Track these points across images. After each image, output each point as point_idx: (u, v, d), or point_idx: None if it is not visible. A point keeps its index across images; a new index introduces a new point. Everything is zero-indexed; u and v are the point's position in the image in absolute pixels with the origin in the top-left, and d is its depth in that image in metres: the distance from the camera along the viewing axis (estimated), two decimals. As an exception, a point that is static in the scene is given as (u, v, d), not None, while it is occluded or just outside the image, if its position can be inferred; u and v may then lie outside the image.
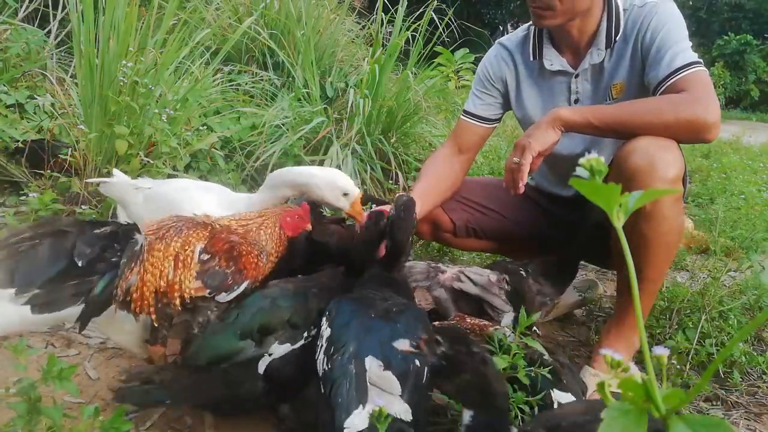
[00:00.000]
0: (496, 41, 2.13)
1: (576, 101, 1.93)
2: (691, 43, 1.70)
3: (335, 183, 1.62)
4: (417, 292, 1.86)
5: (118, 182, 1.78)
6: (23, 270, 1.08)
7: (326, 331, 1.29)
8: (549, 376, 1.28)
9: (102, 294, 1.21)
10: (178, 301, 1.33)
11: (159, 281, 1.31)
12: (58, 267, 1.12)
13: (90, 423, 1.10)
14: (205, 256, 1.38)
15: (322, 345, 1.27)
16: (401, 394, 1.13)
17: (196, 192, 1.74)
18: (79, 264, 1.14)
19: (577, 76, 1.90)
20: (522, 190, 1.70)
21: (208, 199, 1.74)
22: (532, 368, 1.29)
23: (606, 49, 1.82)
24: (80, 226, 1.20)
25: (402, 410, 1.11)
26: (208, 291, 1.37)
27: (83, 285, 1.18)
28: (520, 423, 1.25)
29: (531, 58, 1.97)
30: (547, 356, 1.37)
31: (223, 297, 1.41)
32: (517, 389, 1.30)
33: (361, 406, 1.09)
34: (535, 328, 1.58)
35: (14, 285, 1.07)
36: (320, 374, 1.22)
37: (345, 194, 1.63)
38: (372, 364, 1.16)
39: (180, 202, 1.72)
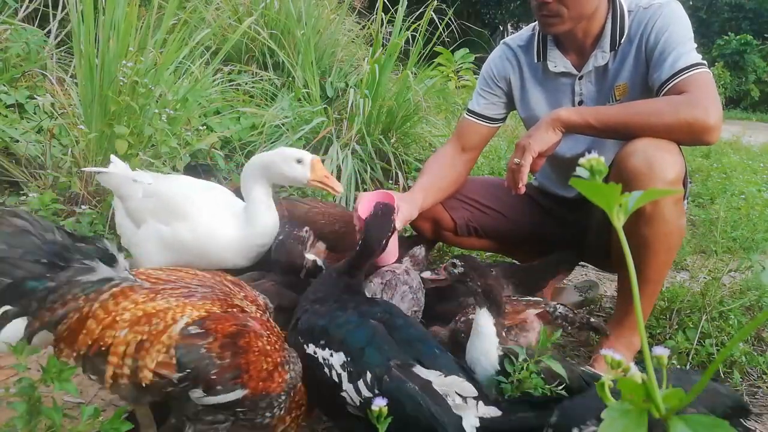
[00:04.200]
0: (502, 41, 2.12)
1: (580, 102, 1.92)
2: (696, 45, 1.69)
3: (284, 153, 1.70)
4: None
5: (117, 174, 1.76)
6: None
7: (335, 357, 1.21)
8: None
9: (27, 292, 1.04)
10: (112, 371, 1.02)
11: (101, 332, 1.04)
12: None
13: (90, 423, 1.10)
14: (194, 329, 1.05)
15: (338, 374, 1.20)
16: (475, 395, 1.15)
17: (196, 195, 1.74)
18: None
19: (581, 77, 1.89)
20: (522, 190, 1.70)
21: (208, 202, 1.74)
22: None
23: (610, 51, 1.82)
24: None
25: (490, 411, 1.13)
26: (176, 370, 1.02)
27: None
28: None
29: (535, 60, 1.97)
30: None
31: (199, 394, 1.04)
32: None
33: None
34: None
35: None
36: (358, 404, 1.16)
37: (298, 161, 1.68)
38: (430, 375, 1.17)
39: (179, 204, 1.72)
